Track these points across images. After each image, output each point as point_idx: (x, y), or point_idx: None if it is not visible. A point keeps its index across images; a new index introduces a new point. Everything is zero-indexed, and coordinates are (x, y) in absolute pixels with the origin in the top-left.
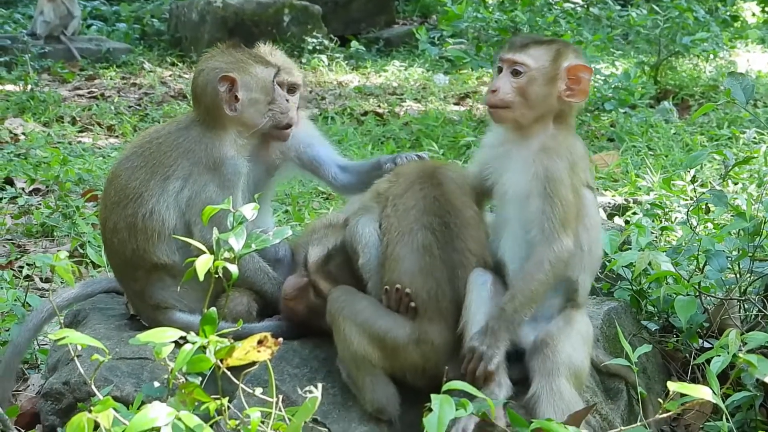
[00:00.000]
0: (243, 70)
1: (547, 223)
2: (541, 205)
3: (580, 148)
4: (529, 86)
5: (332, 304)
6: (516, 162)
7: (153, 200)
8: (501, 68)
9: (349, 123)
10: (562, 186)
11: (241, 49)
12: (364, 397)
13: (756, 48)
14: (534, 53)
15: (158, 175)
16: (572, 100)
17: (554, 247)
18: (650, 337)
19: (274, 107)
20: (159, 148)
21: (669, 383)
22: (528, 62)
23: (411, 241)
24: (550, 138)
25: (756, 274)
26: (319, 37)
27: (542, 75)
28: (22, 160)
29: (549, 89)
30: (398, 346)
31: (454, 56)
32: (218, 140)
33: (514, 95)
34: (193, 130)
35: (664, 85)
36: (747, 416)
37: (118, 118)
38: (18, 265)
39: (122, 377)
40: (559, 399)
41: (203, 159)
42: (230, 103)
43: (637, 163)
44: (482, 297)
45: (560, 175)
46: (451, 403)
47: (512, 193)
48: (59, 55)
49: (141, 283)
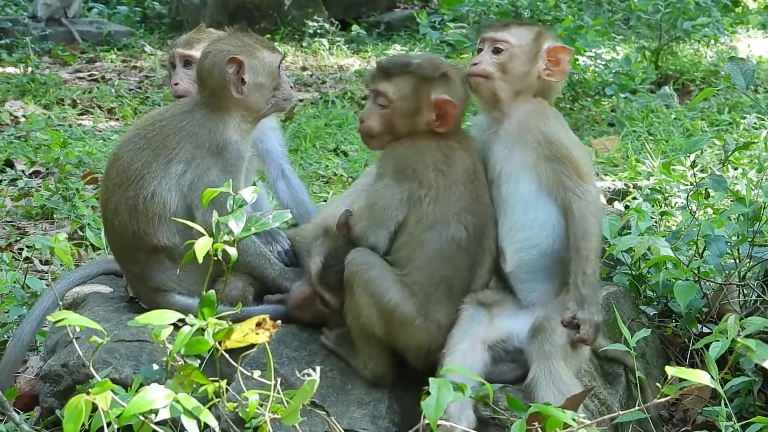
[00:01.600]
0: (250, 54)
1: (568, 181)
2: (552, 167)
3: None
4: (509, 62)
5: (349, 267)
6: (504, 138)
7: (155, 182)
8: (480, 48)
9: (349, 107)
10: (563, 143)
11: (248, 33)
12: (363, 364)
13: (757, 33)
14: (515, 32)
15: (161, 158)
16: (551, 79)
17: (587, 198)
18: (649, 322)
19: (278, 93)
20: (162, 131)
21: (667, 368)
22: (509, 39)
23: (443, 231)
24: (535, 105)
25: (755, 259)
26: (320, 20)
27: (523, 53)
28: (23, 142)
29: (529, 67)
30: (406, 322)
31: (454, 40)
32: (222, 124)
33: (494, 69)
34: (196, 114)
35: (665, 70)
36: (745, 401)
37: (118, 101)
38: (17, 248)
39: (121, 359)
40: (559, 382)
41: (206, 143)
42: (237, 86)
43: (637, 148)
44: (469, 331)
45: (558, 134)
46: (449, 387)
47: (507, 169)
48: (60, 37)
49: (141, 265)
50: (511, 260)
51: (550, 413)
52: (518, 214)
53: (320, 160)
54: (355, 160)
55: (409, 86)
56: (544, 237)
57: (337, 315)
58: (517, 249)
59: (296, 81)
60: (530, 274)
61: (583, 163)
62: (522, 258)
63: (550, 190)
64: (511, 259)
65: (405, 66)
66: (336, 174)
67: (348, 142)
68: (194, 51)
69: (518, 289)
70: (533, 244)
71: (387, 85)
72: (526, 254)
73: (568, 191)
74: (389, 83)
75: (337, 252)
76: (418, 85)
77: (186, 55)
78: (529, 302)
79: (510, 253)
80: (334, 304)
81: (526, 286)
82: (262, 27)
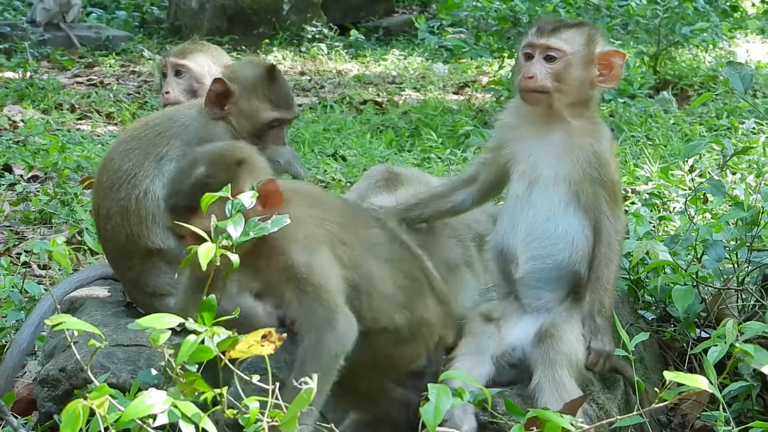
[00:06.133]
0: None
1: (606, 205)
2: (594, 188)
3: (609, 131)
4: (565, 72)
5: None
6: (549, 145)
7: (147, 180)
8: (529, 54)
9: (348, 112)
10: (609, 167)
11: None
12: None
13: (756, 38)
14: (567, 37)
15: (152, 156)
16: (604, 86)
17: (617, 227)
18: (647, 327)
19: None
20: (154, 130)
21: (665, 373)
22: (563, 47)
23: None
24: (588, 122)
25: (754, 264)
26: (319, 25)
27: (578, 60)
28: (21, 147)
29: (584, 74)
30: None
31: (453, 45)
32: (216, 124)
33: (551, 81)
34: (190, 111)
35: (664, 75)
36: (744, 406)
37: (117, 105)
38: (16, 252)
39: (119, 364)
40: (561, 389)
41: (195, 139)
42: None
43: (635, 153)
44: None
45: (606, 157)
46: (448, 393)
47: (547, 175)
48: (59, 42)
49: (136, 270)
50: (524, 267)
51: (549, 418)
52: (540, 221)
53: (319, 165)
54: (353, 165)
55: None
56: (560, 249)
57: None
58: (532, 257)
59: (295, 86)
60: (541, 282)
61: (619, 187)
62: (535, 266)
63: (586, 209)
64: (524, 265)
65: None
66: (335, 179)
67: (347, 147)
68: (187, 61)
69: (524, 294)
70: (548, 254)
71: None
72: (540, 263)
73: (602, 214)
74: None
75: None
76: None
77: (178, 65)
78: (533, 308)
79: (524, 259)
80: None
81: (534, 292)
82: (261, 32)
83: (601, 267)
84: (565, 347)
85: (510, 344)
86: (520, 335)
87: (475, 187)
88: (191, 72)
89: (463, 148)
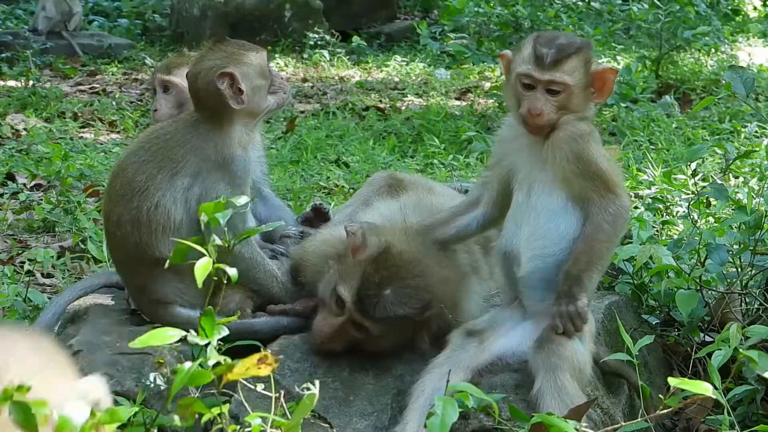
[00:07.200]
0: (238, 61)
1: (595, 194)
2: (581, 184)
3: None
4: (569, 101)
5: None
6: (538, 151)
7: (159, 194)
8: (529, 84)
9: (350, 118)
10: (590, 160)
11: (226, 41)
12: None
13: (758, 42)
14: (568, 68)
15: (166, 170)
16: (597, 100)
17: (609, 209)
18: (651, 331)
19: (275, 88)
20: (167, 144)
21: (670, 379)
22: (567, 80)
23: None
24: (569, 124)
25: (757, 267)
26: (321, 32)
27: (579, 87)
28: (24, 155)
29: (584, 96)
30: None
31: (455, 51)
32: (227, 137)
33: (556, 112)
34: (200, 128)
35: (666, 80)
36: (748, 410)
37: (119, 113)
38: (19, 261)
39: (123, 372)
40: (564, 394)
41: (212, 156)
42: (235, 97)
43: (638, 157)
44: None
45: (586, 151)
46: (455, 406)
47: (541, 179)
48: (61, 50)
49: (142, 277)
50: (526, 266)
51: (553, 423)
52: (542, 222)
53: (321, 171)
54: (356, 171)
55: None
56: (562, 247)
57: (374, 341)
58: (534, 256)
59: (297, 92)
60: (543, 282)
61: (612, 174)
62: (537, 265)
63: (581, 205)
64: (526, 264)
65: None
66: (337, 185)
67: (349, 153)
68: (173, 77)
69: (527, 295)
70: (550, 253)
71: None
72: (542, 262)
73: (591, 204)
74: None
75: (370, 280)
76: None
77: (165, 81)
78: (534, 311)
79: (526, 258)
80: (376, 331)
81: (536, 293)
82: (263, 39)
83: (579, 244)
84: (566, 352)
85: (495, 353)
86: (512, 343)
87: (479, 210)
88: (178, 87)
89: (465, 153)
